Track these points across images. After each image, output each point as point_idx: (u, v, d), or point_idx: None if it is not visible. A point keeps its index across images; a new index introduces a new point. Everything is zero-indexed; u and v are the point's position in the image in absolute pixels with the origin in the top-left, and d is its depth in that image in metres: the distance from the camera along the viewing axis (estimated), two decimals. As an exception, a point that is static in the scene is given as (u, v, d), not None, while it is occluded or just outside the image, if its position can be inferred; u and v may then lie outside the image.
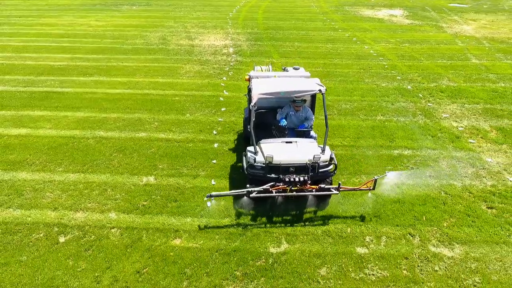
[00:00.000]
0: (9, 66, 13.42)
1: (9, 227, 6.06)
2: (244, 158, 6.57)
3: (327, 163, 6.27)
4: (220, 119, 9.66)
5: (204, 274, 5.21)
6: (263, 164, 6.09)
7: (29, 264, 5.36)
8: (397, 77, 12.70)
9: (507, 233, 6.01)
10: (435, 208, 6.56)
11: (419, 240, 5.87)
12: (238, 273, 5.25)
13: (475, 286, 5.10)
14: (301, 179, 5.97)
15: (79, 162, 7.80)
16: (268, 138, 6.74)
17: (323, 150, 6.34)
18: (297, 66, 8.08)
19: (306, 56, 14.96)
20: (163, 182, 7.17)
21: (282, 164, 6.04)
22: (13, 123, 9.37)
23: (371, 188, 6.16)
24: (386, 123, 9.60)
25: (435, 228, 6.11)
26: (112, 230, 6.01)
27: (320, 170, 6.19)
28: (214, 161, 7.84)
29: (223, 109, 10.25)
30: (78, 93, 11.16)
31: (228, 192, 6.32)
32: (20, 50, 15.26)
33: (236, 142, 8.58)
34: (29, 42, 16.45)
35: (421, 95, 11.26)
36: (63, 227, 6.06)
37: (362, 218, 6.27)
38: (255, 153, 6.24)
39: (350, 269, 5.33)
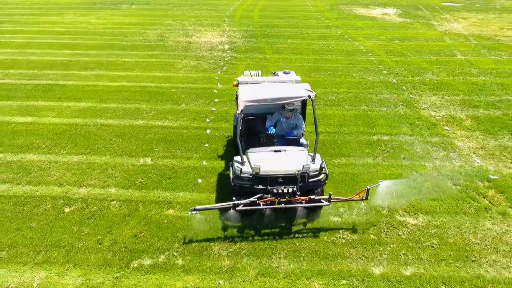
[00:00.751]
0: (14, 61, 14.16)
1: (19, 199, 6.79)
2: (231, 168, 6.27)
3: (317, 172, 6.03)
4: (213, 109, 10.39)
5: (194, 237, 5.93)
6: (250, 175, 5.85)
7: (38, 229, 6.10)
8: (384, 72, 13.44)
9: (467, 205, 6.73)
10: (405, 184, 7.28)
11: (388, 211, 6.58)
12: (223, 236, 5.97)
13: (432, 247, 5.83)
14: (290, 190, 5.77)
15: (81, 145, 8.53)
16: (258, 146, 6.52)
17: (313, 159, 6.11)
18: (287, 71, 7.84)
19: (298, 52, 15.69)
20: (159, 163, 7.91)
21: (269, 174, 5.79)
22: (20, 112, 10.10)
23: (364, 198, 6.03)
24: (369, 112, 10.33)
25: (403, 201, 6.82)
26: (112, 202, 6.74)
27: (310, 180, 5.96)
28: (206, 145, 8.57)
29: (216, 100, 10.98)
30: (79, 86, 11.89)
31: (213, 205, 6.10)
32: (24, 47, 15.99)
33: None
34: (32, 39, 17.19)
35: (404, 88, 11.98)
36: (68, 200, 6.79)
37: (338, 194, 6.97)
38: (242, 163, 5.99)
39: (323, 233, 6.05)
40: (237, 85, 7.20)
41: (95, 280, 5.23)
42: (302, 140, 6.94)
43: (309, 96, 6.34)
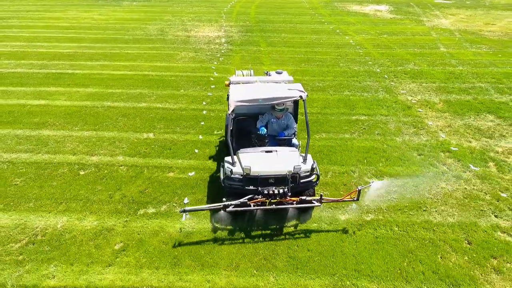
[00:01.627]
0: (24, 53, 15.34)
1: (40, 165, 7.95)
2: (221, 169, 6.34)
3: (308, 173, 6.11)
4: (209, 94, 11.56)
5: (190, 193, 7.10)
6: (241, 175, 5.92)
7: (58, 187, 7.26)
8: (369, 62, 14.62)
9: (427, 170, 7.90)
10: (375, 154, 8.45)
11: (358, 174, 7.75)
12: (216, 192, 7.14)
13: (392, 200, 6.99)
14: (281, 191, 5.83)
15: (91, 123, 9.70)
16: (249, 146, 6.63)
17: (304, 160, 6.18)
18: (280, 70, 7.97)
19: (291, 45, 16.88)
20: (160, 137, 9.08)
21: (260, 175, 5.87)
22: (33, 96, 11.27)
23: (355, 199, 6.13)
24: (351, 97, 11.49)
25: (372, 167, 7.98)
26: (121, 167, 7.90)
27: (301, 181, 6.05)
28: (202, 123, 9.74)
29: (212, 86, 12.15)
30: (86, 74, 13.07)
31: (203, 206, 6.24)
32: (32, 40, 17.17)
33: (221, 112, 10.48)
34: (39, 33, 18.39)
35: (386, 76, 13.16)
36: (82, 165, 7.96)
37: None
38: (233, 163, 6.06)
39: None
40: (229, 85, 7.29)
41: (108, 223, 6.39)
42: (294, 141, 7.06)
43: (301, 97, 6.38)
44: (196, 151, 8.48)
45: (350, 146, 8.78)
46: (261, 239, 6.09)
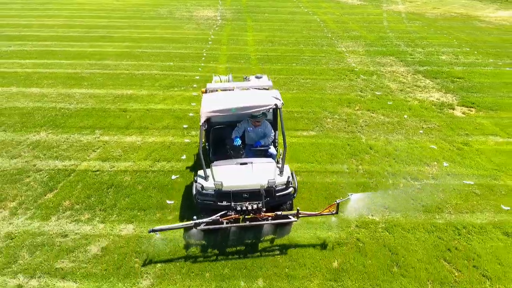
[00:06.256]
0: (69, 25, 22.07)
1: (109, 74, 14.59)
2: (194, 184, 6.32)
3: (285, 186, 6.09)
4: (208, 46, 18.25)
5: (197, 84, 13.69)
6: (213, 190, 5.94)
7: (123, 81, 13.88)
8: (325, 30, 21.34)
9: (333, 77, 14.49)
10: (307, 72, 15.07)
11: (294, 79, 14.33)
12: (211, 84, 13.75)
13: (306, 86, 13.58)
14: (254, 207, 5.79)
15: (133, 59, 16.38)
16: (227, 157, 6.69)
17: (281, 171, 6.20)
18: (259, 75, 8.15)
19: (270, 21, 23.65)
20: (177, 64, 15.75)
21: (233, 190, 5.88)
22: (89, 47, 17.96)
23: (334, 212, 6.13)
24: (303, 48, 18.17)
25: (303, 76, 14.57)
26: (156, 75, 14.55)
27: (277, 195, 6.02)
28: (203, 58, 16.42)
29: (210, 42, 18.86)
30: (121, 36, 19.79)
31: (173, 225, 6.20)
32: (71, 17, 23.94)
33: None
34: (74, 13, 25.18)
35: (333, 38, 19.85)
36: (133, 74, 14.60)
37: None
38: (206, 178, 6.10)
39: (258, 83, 13.85)
40: (205, 92, 7.34)
41: (154, 92, 12.97)
42: (271, 150, 7.09)
43: (276, 105, 6.43)
44: (200, 69, 15.12)
45: (293, 69, 15.42)
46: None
